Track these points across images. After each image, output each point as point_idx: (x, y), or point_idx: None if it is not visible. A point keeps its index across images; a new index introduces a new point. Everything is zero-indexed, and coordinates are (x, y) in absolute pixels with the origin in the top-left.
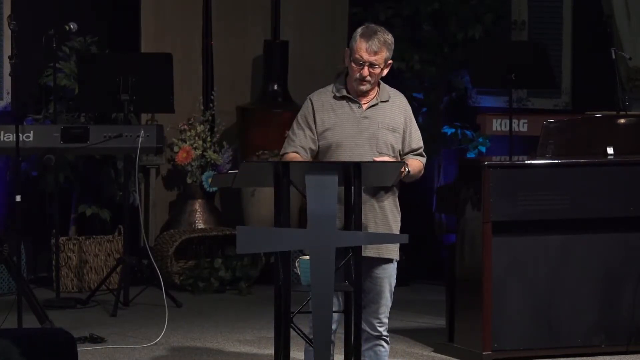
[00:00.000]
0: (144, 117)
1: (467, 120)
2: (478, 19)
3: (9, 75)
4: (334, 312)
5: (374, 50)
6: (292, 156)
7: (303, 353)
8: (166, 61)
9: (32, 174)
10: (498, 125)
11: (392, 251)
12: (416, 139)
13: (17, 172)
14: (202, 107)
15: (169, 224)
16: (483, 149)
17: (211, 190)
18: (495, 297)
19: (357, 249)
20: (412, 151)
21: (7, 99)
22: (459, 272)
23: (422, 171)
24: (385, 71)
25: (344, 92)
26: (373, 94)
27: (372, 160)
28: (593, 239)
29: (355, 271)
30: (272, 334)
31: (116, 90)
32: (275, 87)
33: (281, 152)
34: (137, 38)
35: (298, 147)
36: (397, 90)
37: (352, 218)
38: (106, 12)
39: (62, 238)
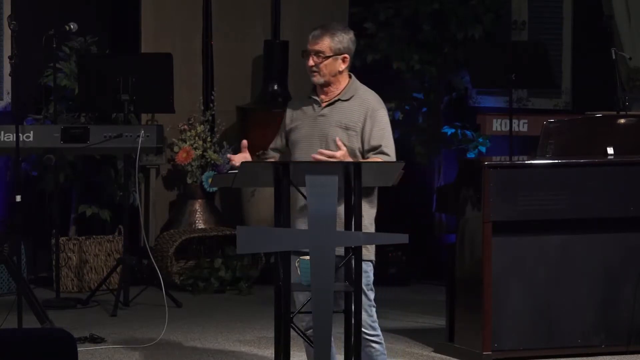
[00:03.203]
0: (144, 117)
1: (467, 120)
2: (478, 19)
3: (9, 75)
4: (335, 312)
5: (315, 37)
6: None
7: (304, 353)
8: (166, 61)
9: (32, 174)
10: (498, 125)
11: (365, 250)
12: (377, 137)
13: (17, 172)
14: (202, 107)
15: (169, 224)
16: (483, 149)
17: (211, 190)
18: (495, 297)
19: (357, 249)
20: (372, 149)
21: (7, 99)
22: (459, 272)
23: None
24: (340, 64)
25: (313, 93)
26: (335, 92)
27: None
28: (592, 239)
29: (355, 271)
30: (272, 334)
31: (116, 90)
32: (275, 87)
33: (269, 147)
34: (137, 38)
35: (274, 148)
36: (369, 90)
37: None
38: (106, 12)
39: (62, 238)
